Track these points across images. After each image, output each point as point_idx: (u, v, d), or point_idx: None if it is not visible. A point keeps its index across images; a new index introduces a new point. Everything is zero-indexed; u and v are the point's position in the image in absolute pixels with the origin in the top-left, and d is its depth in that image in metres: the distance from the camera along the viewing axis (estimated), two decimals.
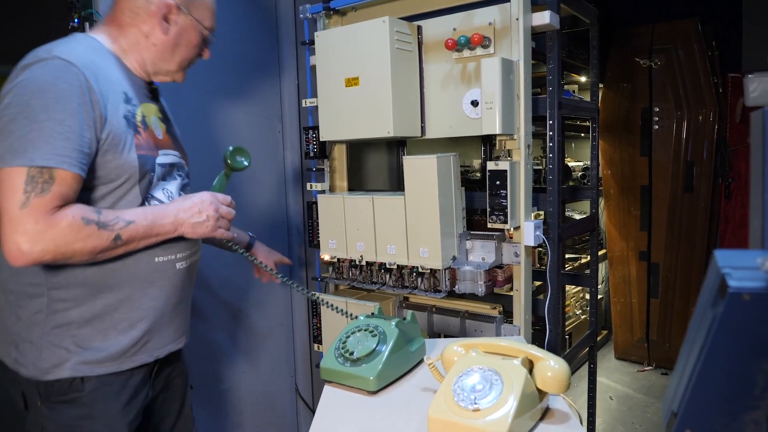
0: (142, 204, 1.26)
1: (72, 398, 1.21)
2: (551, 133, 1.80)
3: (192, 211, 1.26)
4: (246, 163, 1.45)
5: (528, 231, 1.72)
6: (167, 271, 1.30)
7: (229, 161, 1.43)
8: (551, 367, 0.98)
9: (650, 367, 3.83)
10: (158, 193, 1.30)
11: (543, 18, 1.71)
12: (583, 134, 3.84)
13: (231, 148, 1.43)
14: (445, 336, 2.05)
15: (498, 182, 1.69)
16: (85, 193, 1.17)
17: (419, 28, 1.88)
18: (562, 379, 0.97)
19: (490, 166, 1.70)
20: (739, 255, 0.42)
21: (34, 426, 1.24)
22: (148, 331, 1.30)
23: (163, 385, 1.43)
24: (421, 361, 1.29)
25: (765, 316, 0.40)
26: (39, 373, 1.19)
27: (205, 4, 1.37)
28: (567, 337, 3.56)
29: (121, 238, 1.15)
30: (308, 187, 2.11)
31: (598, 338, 4.13)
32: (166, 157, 1.34)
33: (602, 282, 4.31)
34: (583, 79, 3.56)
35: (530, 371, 1.00)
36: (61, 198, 1.08)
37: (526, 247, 1.74)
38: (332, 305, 1.57)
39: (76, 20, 1.49)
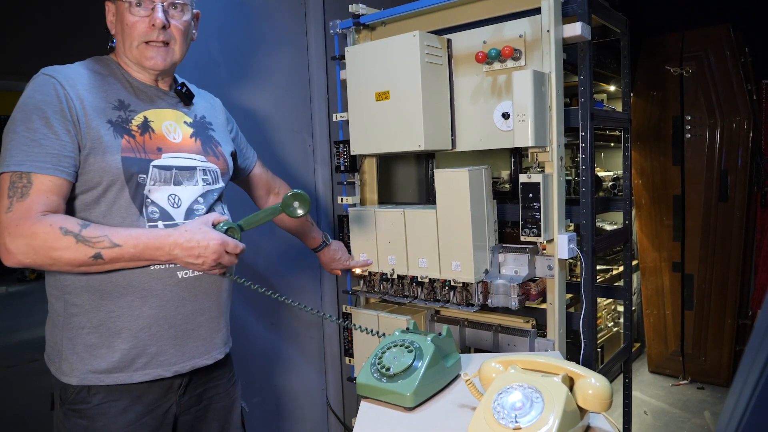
0: (140, 210, 1.25)
1: (79, 408, 1.24)
2: (584, 144, 1.78)
3: (190, 252, 1.22)
4: (300, 212, 1.37)
5: (562, 244, 1.70)
6: (166, 279, 1.28)
7: (282, 205, 1.37)
8: (593, 384, 0.96)
9: (685, 381, 3.74)
10: (160, 198, 1.28)
11: (574, 30, 1.70)
12: (612, 144, 3.80)
13: (291, 192, 1.38)
14: (477, 350, 2.04)
15: (531, 195, 1.68)
16: (77, 199, 1.23)
17: (449, 41, 1.88)
18: (604, 398, 0.95)
19: (523, 179, 1.69)
20: None
21: (56, 428, 1.29)
22: (155, 342, 1.27)
23: (194, 403, 1.39)
24: (457, 377, 1.28)
25: None
26: (59, 373, 1.26)
27: None
28: (599, 350, 3.50)
29: (102, 258, 1.15)
30: (339, 201, 2.12)
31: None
32: (177, 160, 1.33)
33: (634, 293, 4.23)
34: (612, 88, 3.52)
35: (570, 388, 0.99)
36: (42, 203, 1.15)
37: (560, 260, 1.72)
38: (362, 327, 1.56)
39: (113, 41, 1.53)
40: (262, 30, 2.23)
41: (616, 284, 3.32)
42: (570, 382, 0.99)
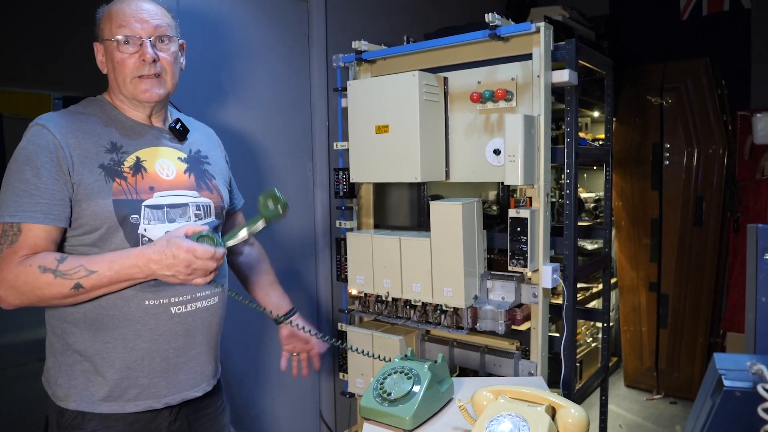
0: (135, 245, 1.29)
1: None
2: (568, 181, 1.92)
3: (161, 264, 1.22)
4: (279, 211, 1.33)
5: (546, 274, 1.83)
6: (160, 314, 1.33)
7: (259, 209, 1.34)
8: (572, 414, 1.09)
9: (659, 396, 3.90)
10: (156, 235, 1.31)
11: (562, 76, 1.83)
12: (595, 167, 3.96)
13: (262, 193, 1.34)
14: (464, 368, 2.16)
15: (519, 228, 1.81)
16: (76, 241, 1.29)
17: (445, 79, 2.01)
18: (581, 426, 1.09)
19: (512, 213, 1.82)
20: (733, 359, 0.54)
21: None
22: (146, 374, 1.33)
23: (184, 431, 1.43)
24: (450, 401, 1.40)
25: (752, 408, 0.52)
26: (56, 398, 1.32)
27: (109, 17, 1.35)
28: (578, 365, 3.64)
29: (83, 287, 1.20)
30: (337, 224, 2.23)
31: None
32: (168, 198, 1.36)
33: (613, 309, 4.40)
34: (596, 113, 3.69)
35: (553, 417, 1.12)
36: (28, 248, 1.21)
37: (544, 289, 1.85)
38: (361, 350, 1.68)
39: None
40: (268, 61, 2.34)
41: (595, 307, 3.46)
42: (552, 412, 1.12)
